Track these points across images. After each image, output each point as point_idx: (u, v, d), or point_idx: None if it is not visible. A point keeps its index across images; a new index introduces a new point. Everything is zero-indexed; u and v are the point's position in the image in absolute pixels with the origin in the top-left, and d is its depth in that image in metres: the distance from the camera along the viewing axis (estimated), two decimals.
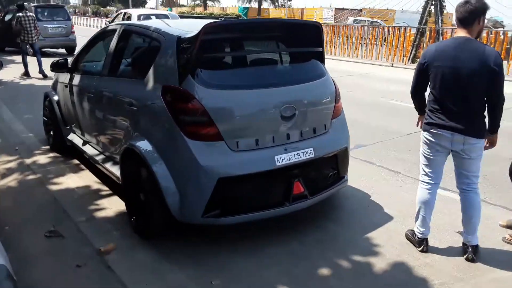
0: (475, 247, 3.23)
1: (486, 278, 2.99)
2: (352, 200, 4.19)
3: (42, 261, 3.22)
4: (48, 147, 5.66)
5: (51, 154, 5.43)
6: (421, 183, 3.37)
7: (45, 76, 11.06)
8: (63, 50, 16.65)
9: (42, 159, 5.28)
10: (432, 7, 14.29)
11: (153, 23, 3.91)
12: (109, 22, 19.67)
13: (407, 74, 13.02)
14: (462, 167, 3.19)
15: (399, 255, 3.27)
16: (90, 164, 4.87)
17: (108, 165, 4.11)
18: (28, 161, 5.20)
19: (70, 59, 4.95)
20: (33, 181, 4.63)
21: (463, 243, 3.30)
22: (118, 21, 17.85)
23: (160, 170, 3.14)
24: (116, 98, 3.85)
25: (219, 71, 3.40)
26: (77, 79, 4.70)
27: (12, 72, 11.73)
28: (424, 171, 3.34)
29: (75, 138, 5.00)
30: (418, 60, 12.99)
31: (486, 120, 3.12)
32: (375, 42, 15.58)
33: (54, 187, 4.45)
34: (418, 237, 3.37)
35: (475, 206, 3.20)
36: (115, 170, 3.94)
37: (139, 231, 3.46)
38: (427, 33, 14.24)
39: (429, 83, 3.19)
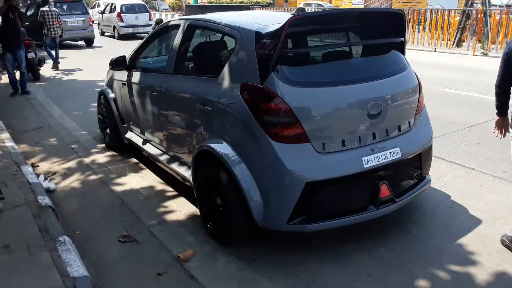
0: None
1: None
2: (432, 201, 3.93)
3: (120, 268, 3.11)
4: (103, 145, 5.60)
5: (108, 153, 5.36)
6: None
7: (56, 68, 11.68)
8: (82, 42, 17.42)
9: (100, 158, 5.21)
10: None
11: (220, 17, 3.70)
12: (100, 12, 20.57)
13: (452, 59, 12.55)
14: None
15: (499, 264, 3.01)
16: (149, 163, 4.77)
17: (174, 166, 3.98)
18: (87, 160, 5.14)
19: (128, 56, 4.82)
20: (95, 182, 4.56)
21: None
22: (108, 10, 19.91)
23: (242, 173, 2.97)
24: (185, 97, 3.68)
25: (302, 67, 3.18)
26: (136, 76, 4.57)
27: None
28: None
29: (133, 137, 4.90)
30: (463, 44, 12.51)
31: None
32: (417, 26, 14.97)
33: (118, 188, 4.36)
34: None
35: None
36: (183, 171, 3.80)
37: (217, 237, 3.32)
38: (474, 15, 13.57)
39: None
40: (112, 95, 5.20)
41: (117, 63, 4.72)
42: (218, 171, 3.14)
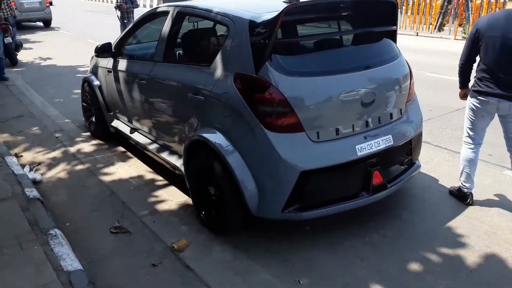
0: None
1: None
2: (420, 186, 4.00)
3: (114, 260, 3.08)
4: (88, 133, 5.49)
5: (94, 142, 5.26)
6: (465, 144, 3.66)
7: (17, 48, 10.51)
8: (40, 24, 17.53)
9: (86, 147, 5.12)
10: None
11: (211, 4, 3.62)
12: None
13: (434, 43, 12.64)
14: (509, 131, 3.48)
15: (488, 246, 3.09)
16: (137, 152, 4.71)
17: (164, 155, 3.93)
18: (72, 149, 5.04)
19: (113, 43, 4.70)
20: (83, 172, 4.48)
21: None
22: None
23: (236, 163, 2.96)
24: (176, 86, 3.62)
25: (296, 56, 3.14)
26: (123, 64, 4.47)
27: (31, 53, 11.50)
28: (468, 134, 3.63)
29: (120, 125, 4.82)
30: (445, 28, 12.57)
31: None
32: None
33: (106, 178, 4.30)
34: (464, 192, 3.64)
35: None
36: (174, 160, 3.77)
37: (211, 226, 3.32)
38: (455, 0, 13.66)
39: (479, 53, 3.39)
40: (97, 82, 5.08)
41: (102, 50, 4.60)
42: (212, 161, 3.12)
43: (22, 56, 10.77)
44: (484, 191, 3.86)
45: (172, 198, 3.86)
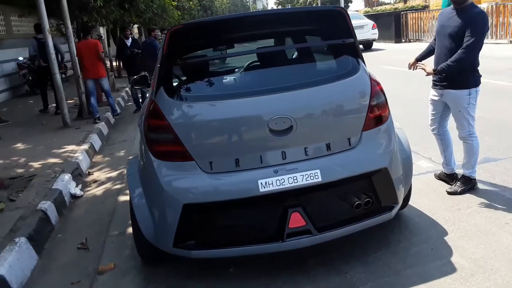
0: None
1: None
2: (418, 237, 3.11)
3: (55, 273, 3.32)
4: None
5: None
6: (475, 135, 3.62)
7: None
8: None
9: None
10: None
11: None
12: None
13: None
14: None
15: None
16: None
17: None
18: None
19: None
20: (115, 191, 4.94)
21: None
22: None
23: (135, 191, 2.91)
24: None
25: (192, 80, 2.91)
26: None
27: None
28: (473, 124, 3.61)
29: None
30: None
31: None
32: None
33: (122, 198, 4.65)
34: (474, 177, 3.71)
35: None
36: None
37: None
38: None
39: None
40: None
41: None
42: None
43: None
44: (496, 256, 2.76)
45: None
